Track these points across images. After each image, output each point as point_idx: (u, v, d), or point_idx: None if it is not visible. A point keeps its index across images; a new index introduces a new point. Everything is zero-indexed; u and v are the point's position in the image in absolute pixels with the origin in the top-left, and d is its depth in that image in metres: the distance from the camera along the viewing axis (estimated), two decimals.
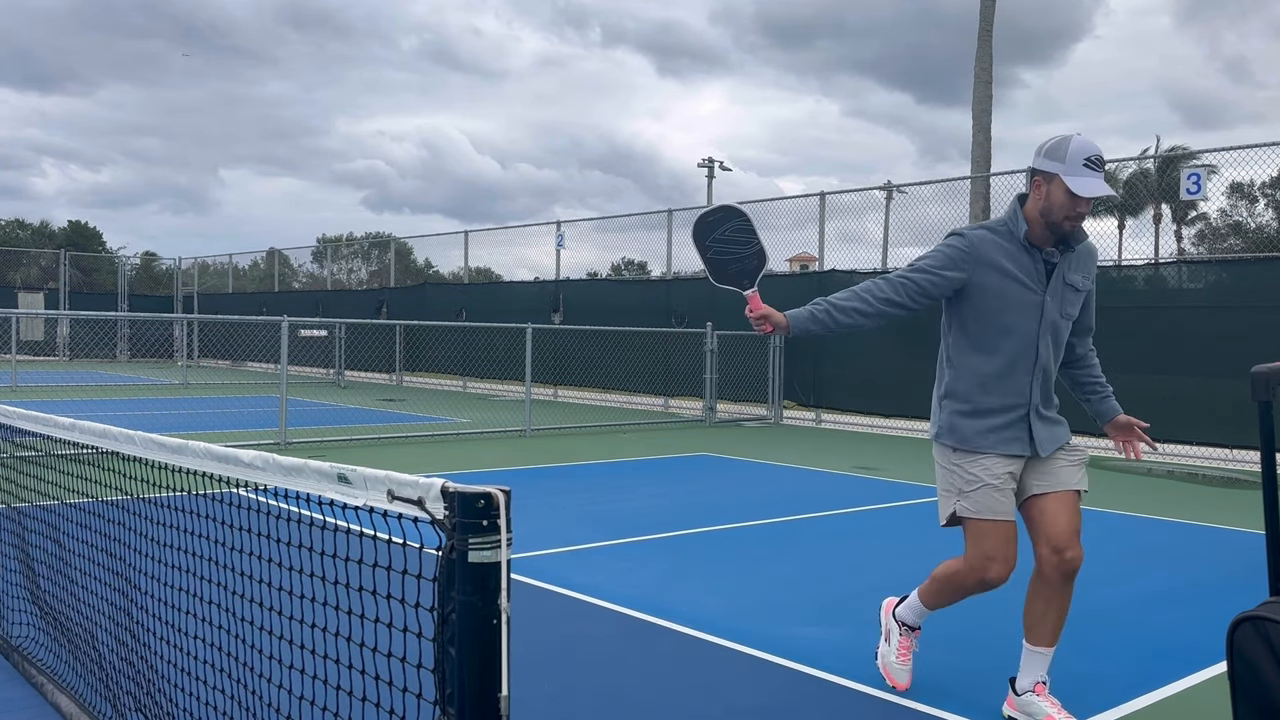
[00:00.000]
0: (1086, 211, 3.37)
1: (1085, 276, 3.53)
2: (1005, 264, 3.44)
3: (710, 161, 46.01)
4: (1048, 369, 3.53)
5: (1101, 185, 3.32)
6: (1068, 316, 3.51)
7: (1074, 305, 3.52)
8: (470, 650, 1.55)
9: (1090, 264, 3.57)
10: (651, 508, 7.82)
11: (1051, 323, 3.48)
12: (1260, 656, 2.10)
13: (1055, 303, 3.47)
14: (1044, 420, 3.55)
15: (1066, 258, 3.46)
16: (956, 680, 4.00)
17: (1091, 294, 3.60)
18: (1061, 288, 3.47)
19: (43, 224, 55.16)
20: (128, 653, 3.19)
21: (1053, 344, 3.52)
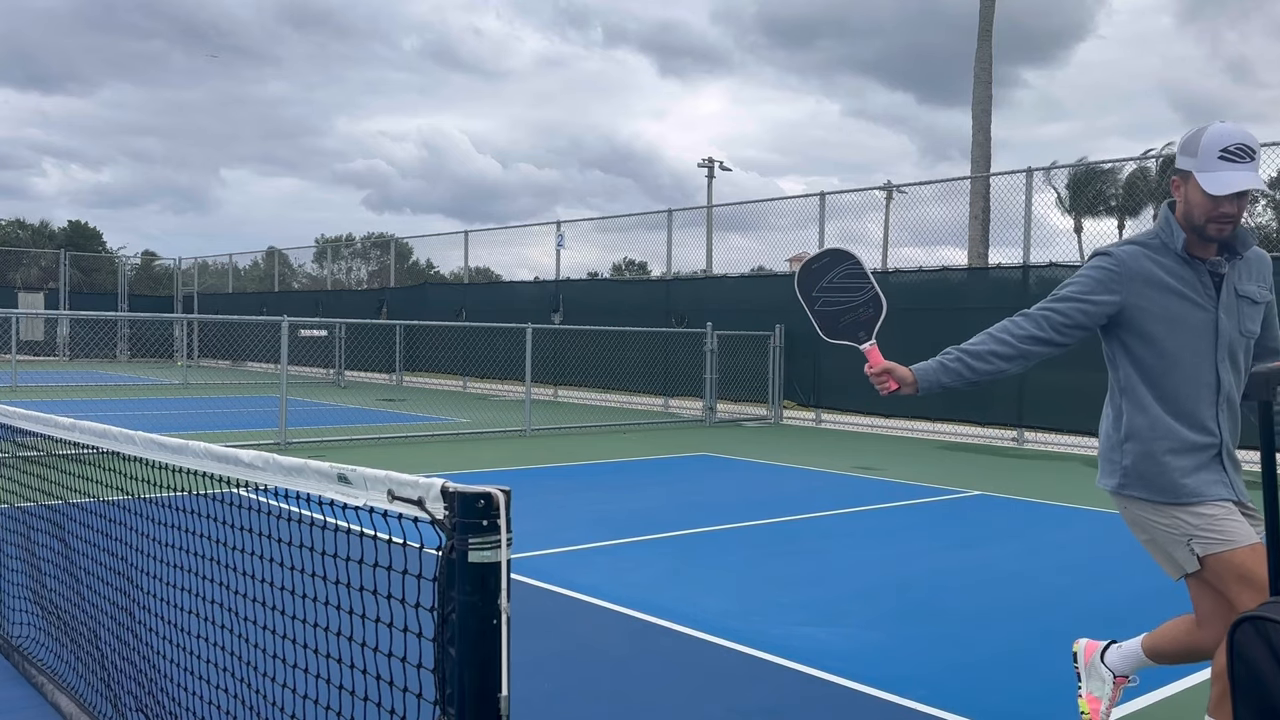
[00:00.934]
0: (1235, 212, 2.90)
1: (1262, 286, 3.03)
2: (1166, 279, 2.98)
3: (710, 161, 46.00)
4: (1232, 398, 3.01)
5: (1242, 178, 2.85)
6: (1248, 334, 3.01)
7: (1254, 321, 3.02)
8: (470, 650, 1.55)
9: (1265, 272, 3.06)
10: (651, 508, 7.82)
11: (1229, 343, 2.98)
12: (1260, 656, 2.10)
13: (1231, 320, 2.98)
14: (1234, 461, 3.05)
15: (1236, 266, 3.00)
16: (957, 680, 4.00)
17: (1274, 310, 3.11)
18: (1235, 301, 2.98)
19: (43, 224, 55.13)
20: (129, 652, 3.19)
21: (1232, 368, 3.00)
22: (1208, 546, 2.87)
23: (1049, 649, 4.42)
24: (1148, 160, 34.73)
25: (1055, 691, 3.87)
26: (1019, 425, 13.33)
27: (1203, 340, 2.96)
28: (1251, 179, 2.85)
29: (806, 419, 16.01)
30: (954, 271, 15.04)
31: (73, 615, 3.68)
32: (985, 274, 14.75)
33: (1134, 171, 35.80)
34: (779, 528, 7.15)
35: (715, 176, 46.09)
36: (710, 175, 46.05)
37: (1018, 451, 12.61)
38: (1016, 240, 13.78)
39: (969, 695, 3.82)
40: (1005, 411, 13.51)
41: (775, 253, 21.50)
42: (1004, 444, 13.16)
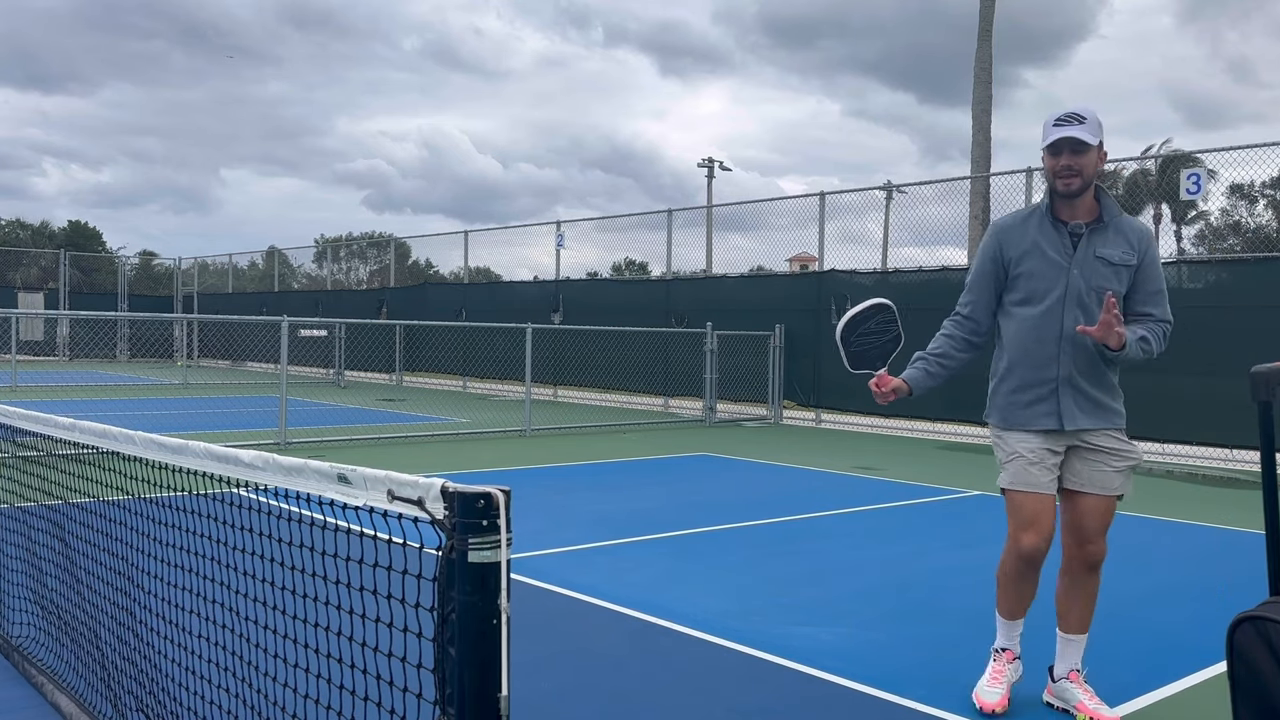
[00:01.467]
0: (1073, 164, 3.41)
1: (1127, 251, 3.50)
2: (1029, 239, 3.55)
3: (710, 161, 46.00)
4: (1076, 340, 3.48)
5: (1065, 129, 3.39)
6: (1099, 290, 3.47)
7: (1109, 280, 3.48)
8: (470, 650, 1.55)
9: (1134, 241, 3.52)
10: (651, 508, 7.82)
11: (1077, 294, 3.48)
12: (1260, 656, 2.10)
13: (1082, 274, 3.49)
14: (1078, 394, 3.53)
15: (1098, 232, 3.50)
16: (957, 680, 4.00)
17: (1148, 273, 3.53)
18: (1090, 260, 3.49)
19: (43, 224, 55.17)
20: (130, 651, 3.19)
21: (1084, 317, 3.47)
22: (1009, 483, 3.61)
23: (1048, 649, 4.42)
24: (1147, 160, 34.76)
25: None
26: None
27: (1053, 290, 3.51)
28: (1072, 130, 3.38)
29: (806, 419, 16.01)
30: (954, 271, 15.02)
31: (73, 615, 3.68)
32: None
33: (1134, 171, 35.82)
34: (779, 528, 7.15)
35: (715, 176, 46.11)
36: (710, 175, 46.06)
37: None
38: None
39: (969, 695, 3.81)
40: None
41: (775, 253, 21.51)
42: None
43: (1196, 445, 11.58)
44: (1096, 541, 3.55)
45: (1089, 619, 3.64)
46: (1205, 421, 11.46)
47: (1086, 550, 3.55)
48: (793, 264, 25.37)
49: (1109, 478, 3.56)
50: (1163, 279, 3.60)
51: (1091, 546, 3.55)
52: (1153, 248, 3.57)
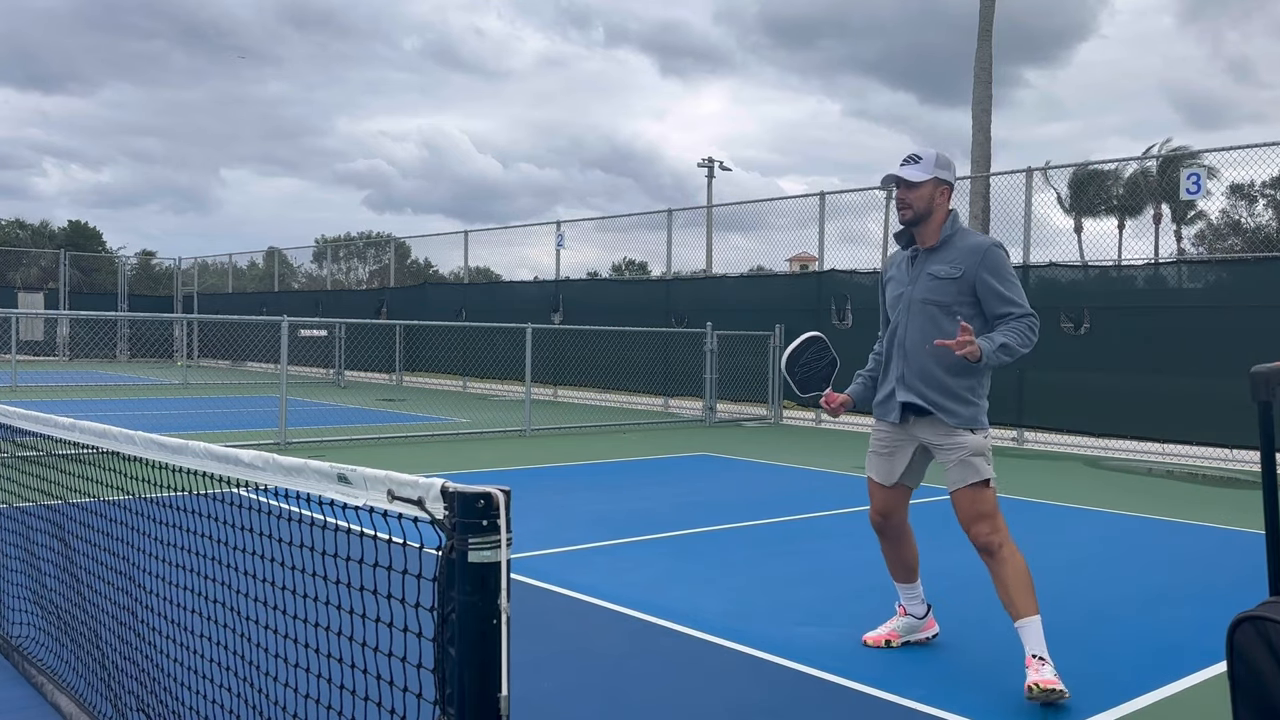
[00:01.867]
0: (906, 198, 4.00)
1: (952, 266, 3.96)
2: (895, 269, 4.23)
3: (710, 161, 46.00)
4: (906, 346, 4.04)
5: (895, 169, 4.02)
6: (937, 303, 3.96)
7: (944, 292, 3.95)
8: (470, 650, 1.55)
9: (966, 258, 3.95)
10: (651, 508, 7.82)
11: (908, 307, 4.05)
12: (1260, 656, 2.10)
13: (915, 288, 4.04)
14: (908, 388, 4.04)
15: (935, 252, 4.03)
16: (956, 680, 4.00)
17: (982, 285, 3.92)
18: (924, 278, 4.02)
19: (42, 224, 55.15)
20: (131, 651, 3.19)
21: (918, 325, 4.01)
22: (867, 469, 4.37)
23: (1049, 649, 4.42)
24: (1147, 160, 34.76)
25: None
26: (1019, 425, 13.33)
27: (898, 305, 4.11)
28: (901, 170, 4.00)
29: (806, 419, 16.01)
30: None
31: (73, 615, 3.68)
32: None
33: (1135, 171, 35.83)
34: (779, 528, 7.15)
35: (715, 176, 46.11)
36: (710, 175, 46.06)
37: (1018, 451, 12.61)
38: (1016, 240, 13.77)
39: (969, 695, 3.82)
40: (1005, 411, 13.50)
41: (775, 252, 21.49)
42: (1004, 444, 13.15)
43: (1196, 445, 11.58)
44: (974, 525, 3.91)
45: (1019, 603, 3.78)
46: (1205, 421, 11.46)
47: (972, 534, 3.93)
48: (792, 264, 25.37)
49: (954, 475, 3.99)
50: (1006, 283, 3.93)
51: (973, 530, 3.91)
52: (986, 260, 3.93)
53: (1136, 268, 13.13)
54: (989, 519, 3.87)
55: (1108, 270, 13.15)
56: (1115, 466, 11.20)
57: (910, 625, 4.40)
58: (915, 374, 3.99)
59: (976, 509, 3.89)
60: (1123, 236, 35.11)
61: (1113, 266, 13.33)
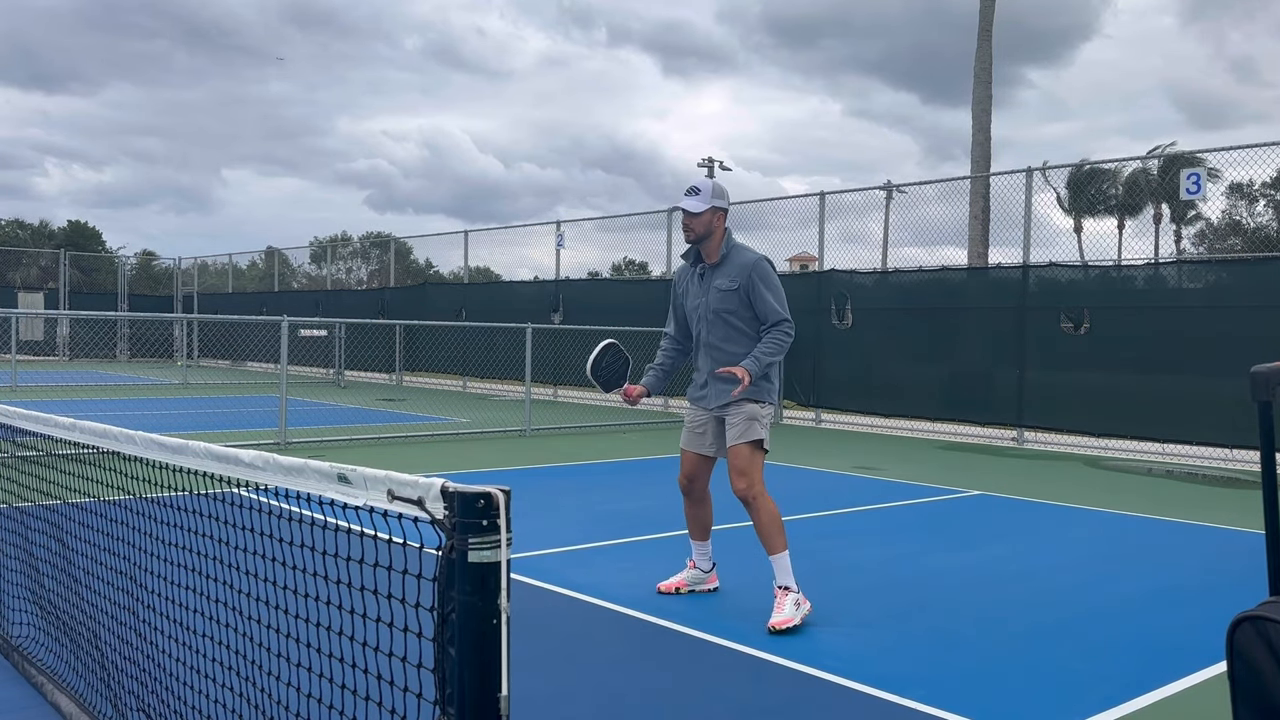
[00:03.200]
0: (688, 224, 4.89)
1: (731, 280, 4.86)
2: (687, 281, 5.13)
3: (710, 161, 46.01)
4: (709, 345, 4.96)
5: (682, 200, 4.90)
6: (726, 310, 4.89)
7: (729, 301, 4.87)
8: (470, 650, 1.55)
9: (740, 272, 4.85)
10: (651, 508, 7.82)
11: (705, 315, 4.95)
12: (1260, 656, 2.10)
13: (709, 299, 4.93)
14: (714, 381, 4.90)
15: (718, 268, 4.93)
16: (956, 680, 4.00)
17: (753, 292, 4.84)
18: (711, 290, 4.93)
19: (42, 224, 55.15)
20: (131, 651, 3.19)
21: (716, 329, 4.93)
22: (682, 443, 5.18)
23: (1049, 649, 4.42)
24: (1148, 160, 34.74)
25: (1055, 690, 3.87)
26: (1019, 425, 13.33)
27: (695, 313, 5.03)
28: (683, 201, 4.89)
29: (806, 419, 16.01)
30: (953, 271, 15.03)
31: (72, 615, 3.68)
32: (985, 274, 14.74)
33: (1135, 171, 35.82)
34: None
35: (714, 176, 46.09)
36: (710, 175, 46.05)
37: (1018, 451, 12.61)
38: (1016, 240, 13.77)
39: (969, 695, 3.82)
40: (1005, 411, 13.50)
41: (776, 252, 21.45)
42: (1004, 444, 13.15)
43: (1196, 445, 11.58)
44: (737, 482, 4.77)
45: (771, 542, 4.75)
46: (1205, 421, 11.46)
47: (735, 489, 4.78)
48: (793, 264, 25.37)
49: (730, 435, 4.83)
50: (771, 290, 4.84)
51: (736, 486, 4.78)
52: (755, 274, 4.84)
53: (1136, 268, 13.13)
54: (746, 475, 4.73)
55: (1108, 270, 13.15)
56: (1115, 466, 11.20)
57: (697, 577, 5.25)
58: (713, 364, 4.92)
59: (739, 465, 4.75)
60: (1123, 236, 35.13)
61: (1113, 266, 13.32)
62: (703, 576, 5.28)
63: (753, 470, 4.76)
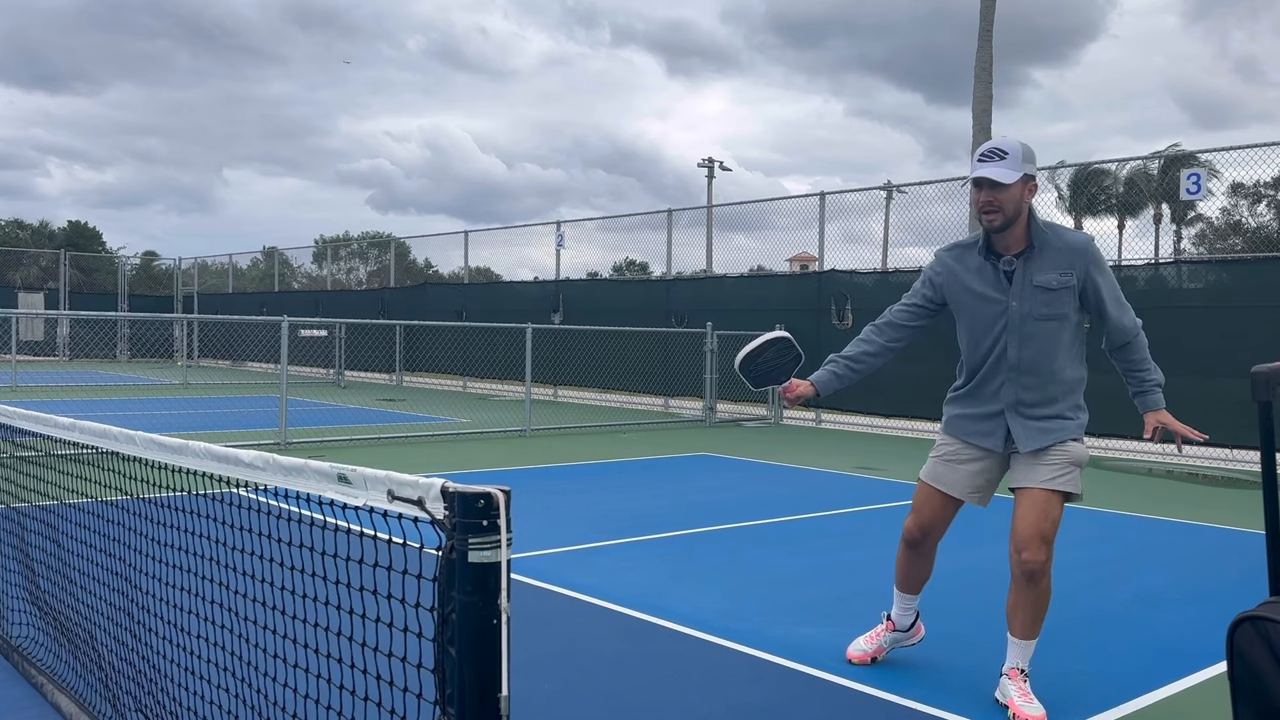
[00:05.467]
0: (995, 198, 3.50)
1: (1062, 273, 3.57)
2: (968, 278, 3.73)
3: (710, 161, 45.99)
4: (1021, 368, 3.65)
5: (983, 168, 3.51)
6: (1044, 317, 3.60)
7: (1051, 305, 3.59)
8: (470, 650, 1.55)
9: (1068, 258, 3.58)
10: (651, 508, 7.82)
11: (1018, 326, 3.62)
12: (1260, 656, 2.10)
13: (1022, 305, 3.61)
14: (1026, 418, 3.69)
15: (1031, 259, 3.59)
16: (957, 680, 4.00)
17: (1094, 287, 3.60)
18: (1029, 290, 3.60)
19: (42, 224, 55.14)
20: (128, 652, 3.19)
21: (1029, 344, 3.63)
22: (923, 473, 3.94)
23: (1048, 648, 4.42)
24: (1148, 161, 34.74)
25: (1055, 691, 3.87)
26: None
27: (995, 323, 3.65)
28: (990, 169, 3.48)
29: (806, 419, 16.01)
30: None
31: (70, 616, 3.68)
32: None
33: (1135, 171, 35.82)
34: (779, 528, 7.14)
35: (715, 176, 46.10)
36: (710, 175, 46.05)
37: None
38: None
39: (969, 695, 3.82)
40: None
41: (777, 252, 21.50)
42: None
43: (1197, 445, 11.56)
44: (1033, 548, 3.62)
45: (1033, 625, 3.68)
46: (1205, 421, 11.38)
47: (1023, 558, 3.62)
48: (793, 264, 25.36)
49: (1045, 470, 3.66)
50: (1115, 283, 3.66)
51: (1027, 554, 3.61)
52: (1093, 259, 3.60)
53: (1136, 268, 13.13)
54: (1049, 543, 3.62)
55: None
56: (1115, 466, 11.20)
57: (895, 639, 4.20)
58: (1034, 397, 3.66)
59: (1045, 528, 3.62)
60: (1123, 236, 35.12)
61: (1113, 267, 13.33)
62: (903, 636, 4.19)
63: (1053, 538, 3.66)
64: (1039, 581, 3.61)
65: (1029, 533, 3.59)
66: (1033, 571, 3.59)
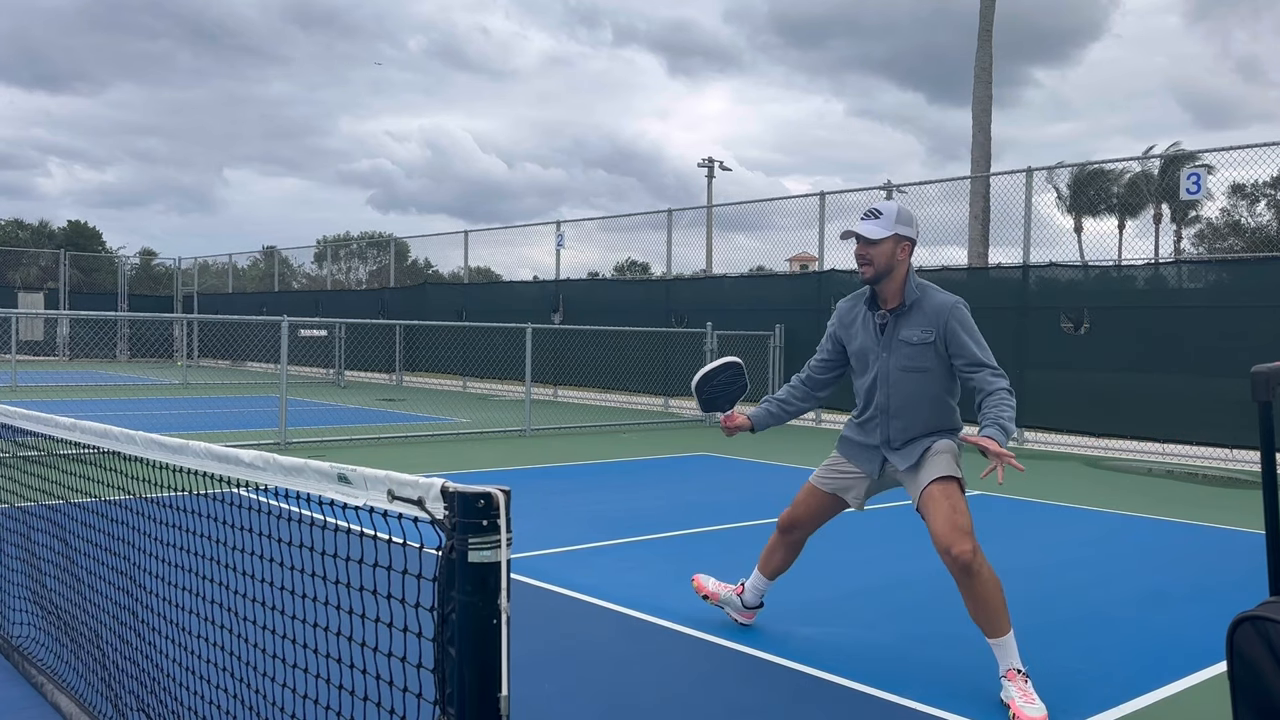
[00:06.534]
0: (867, 252, 3.91)
1: (925, 330, 3.91)
2: (855, 328, 4.14)
3: (710, 161, 45.99)
4: (890, 412, 4.01)
5: (859, 225, 3.95)
6: (911, 370, 3.94)
7: (915, 359, 3.92)
8: (470, 650, 1.55)
9: (932, 317, 3.90)
10: (651, 508, 7.82)
11: (887, 375, 3.99)
12: (1260, 656, 2.10)
13: (893, 357, 3.98)
14: (897, 451, 4.03)
15: (901, 315, 3.96)
16: (956, 680, 4.00)
17: (954, 339, 3.87)
18: (895, 344, 3.97)
19: (42, 224, 55.12)
20: (131, 651, 3.19)
21: (900, 391, 3.97)
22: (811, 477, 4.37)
23: (1049, 648, 4.42)
24: (1149, 160, 34.75)
25: (1055, 690, 3.87)
26: (1019, 425, 13.33)
27: (870, 371, 4.05)
28: (863, 226, 3.92)
29: (806, 419, 16.01)
30: (953, 271, 15.03)
31: (73, 615, 3.68)
32: (985, 274, 14.74)
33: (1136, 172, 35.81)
34: None
35: (715, 176, 46.10)
36: (710, 175, 46.05)
37: (1018, 451, 12.60)
38: (1017, 240, 13.77)
39: (969, 695, 3.82)
40: None
41: (777, 252, 21.49)
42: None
43: (1196, 445, 11.58)
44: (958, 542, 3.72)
45: (995, 620, 3.71)
46: (1205, 421, 11.45)
47: (953, 554, 3.72)
48: (792, 264, 25.35)
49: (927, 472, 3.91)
50: (972, 342, 3.88)
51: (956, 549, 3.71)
52: (953, 319, 3.88)
53: (1136, 268, 13.13)
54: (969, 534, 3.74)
55: (1108, 270, 13.15)
56: (1115, 466, 11.20)
57: (736, 603, 4.60)
58: (900, 433, 4.01)
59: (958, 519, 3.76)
60: (1123, 236, 35.13)
61: (1113, 266, 13.33)
62: (740, 606, 4.61)
63: (971, 526, 3.78)
64: (977, 572, 3.69)
65: (945, 529, 3.73)
66: (965, 564, 3.69)
